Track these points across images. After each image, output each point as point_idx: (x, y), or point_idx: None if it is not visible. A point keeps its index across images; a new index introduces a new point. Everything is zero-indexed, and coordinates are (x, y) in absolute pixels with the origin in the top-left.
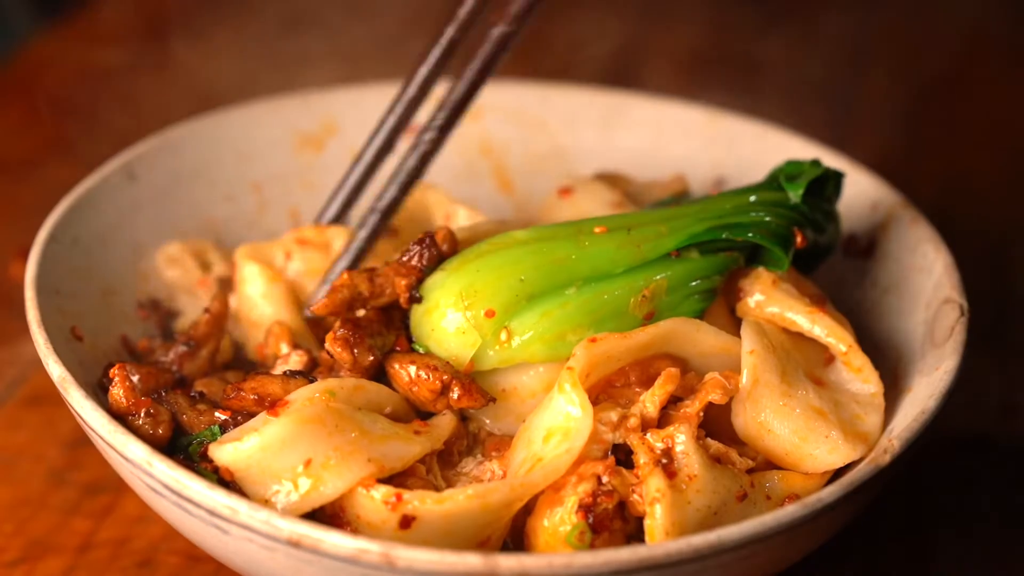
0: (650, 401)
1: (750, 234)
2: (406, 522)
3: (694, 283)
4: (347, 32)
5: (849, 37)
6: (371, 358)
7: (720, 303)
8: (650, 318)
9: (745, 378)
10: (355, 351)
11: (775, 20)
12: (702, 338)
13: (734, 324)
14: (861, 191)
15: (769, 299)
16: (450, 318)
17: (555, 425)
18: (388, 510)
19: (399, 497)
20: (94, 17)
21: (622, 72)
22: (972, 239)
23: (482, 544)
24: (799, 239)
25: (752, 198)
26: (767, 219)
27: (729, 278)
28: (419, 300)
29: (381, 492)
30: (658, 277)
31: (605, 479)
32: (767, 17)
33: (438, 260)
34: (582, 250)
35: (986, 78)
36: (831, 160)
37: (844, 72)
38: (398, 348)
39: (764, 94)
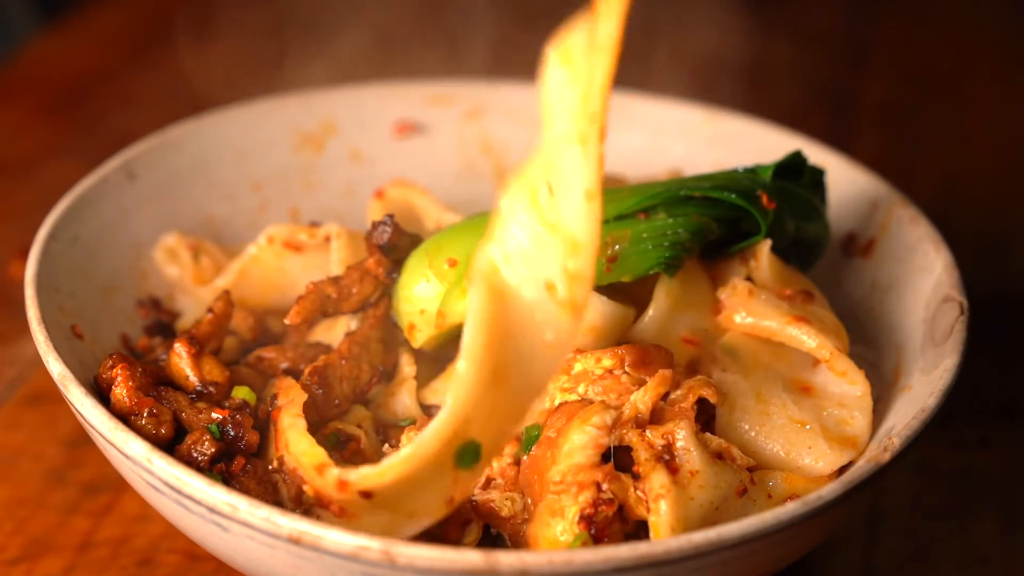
0: (642, 402)
1: (710, 188)
2: (367, 495)
3: (661, 237)
4: (346, 32)
5: (849, 37)
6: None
7: (697, 266)
8: (613, 262)
9: (720, 408)
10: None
11: (775, 20)
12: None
13: (709, 285)
14: (861, 190)
15: (747, 311)
16: (417, 276)
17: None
18: (340, 492)
19: (343, 483)
20: (94, 17)
21: (622, 72)
22: (972, 238)
23: (449, 504)
24: (764, 200)
25: (721, 177)
26: (731, 184)
27: (711, 269)
28: (395, 279)
29: (332, 477)
30: (621, 229)
31: (604, 487)
32: (767, 17)
33: (411, 242)
34: None
35: (986, 78)
36: (832, 160)
37: (844, 72)
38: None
39: (764, 94)
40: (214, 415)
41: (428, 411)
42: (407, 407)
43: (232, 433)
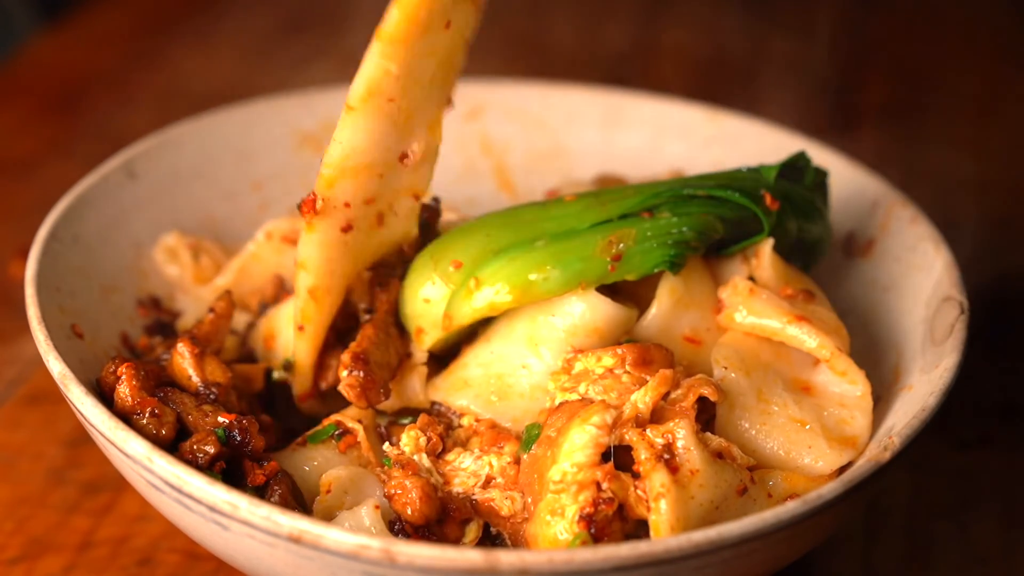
0: (642, 401)
1: (714, 187)
2: None
3: (665, 235)
4: (347, 32)
5: (849, 37)
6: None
7: (700, 265)
8: (618, 260)
9: (721, 407)
10: (369, 395)
11: (775, 20)
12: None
13: (712, 284)
14: (861, 190)
15: (748, 309)
16: (422, 279)
17: None
18: None
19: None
20: (94, 17)
21: (623, 72)
22: (972, 238)
23: None
24: (768, 200)
25: (725, 176)
26: (735, 183)
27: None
28: (402, 278)
29: None
30: (625, 228)
31: (605, 486)
32: (767, 17)
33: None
34: (548, 210)
35: (986, 77)
36: (832, 160)
37: (844, 72)
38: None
39: (764, 94)
40: (220, 419)
41: (430, 408)
42: (417, 393)
43: (238, 438)
